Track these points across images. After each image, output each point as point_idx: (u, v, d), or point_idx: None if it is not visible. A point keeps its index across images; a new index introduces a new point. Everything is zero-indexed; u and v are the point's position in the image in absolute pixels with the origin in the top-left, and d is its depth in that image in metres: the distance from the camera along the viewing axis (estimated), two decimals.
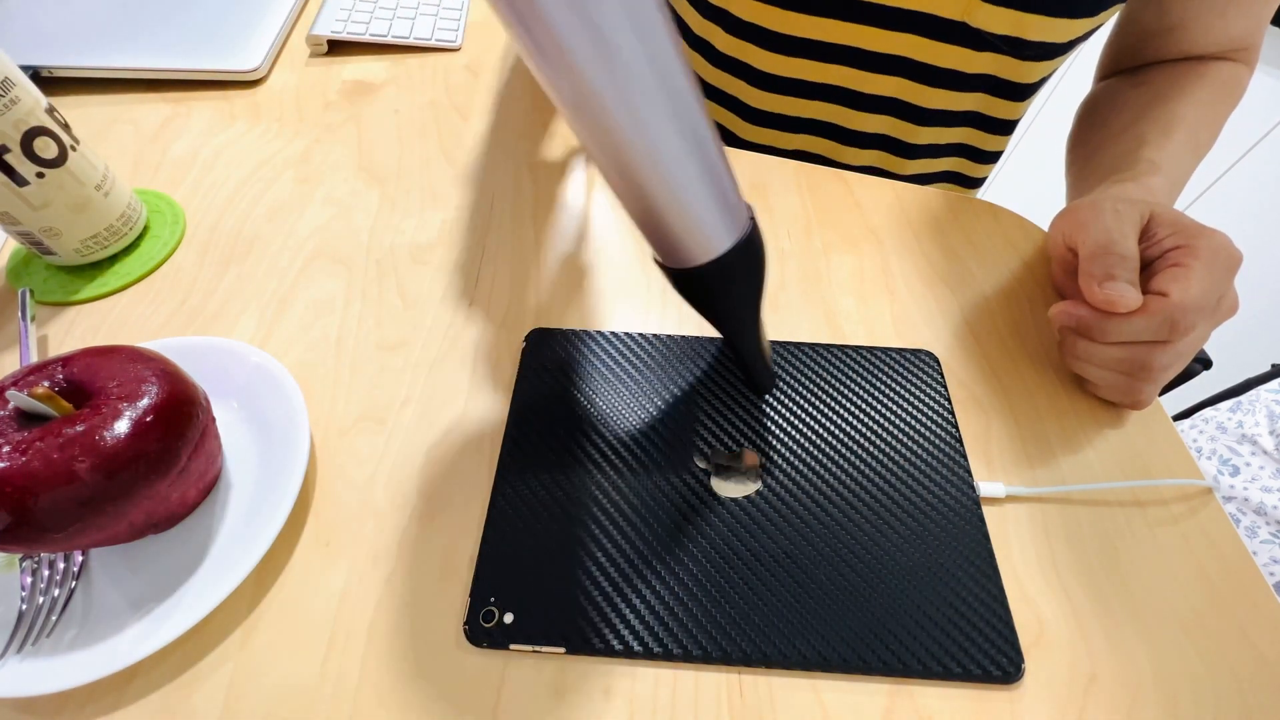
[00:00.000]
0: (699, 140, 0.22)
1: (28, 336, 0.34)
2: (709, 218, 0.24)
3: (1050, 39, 0.44)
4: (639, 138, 0.21)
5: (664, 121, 0.21)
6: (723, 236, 0.25)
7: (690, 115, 0.21)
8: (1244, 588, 0.29)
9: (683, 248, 0.25)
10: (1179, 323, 0.30)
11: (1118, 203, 0.34)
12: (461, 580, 0.29)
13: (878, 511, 0.31)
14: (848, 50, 0.47)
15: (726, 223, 0.24)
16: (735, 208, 0.25)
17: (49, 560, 0.28)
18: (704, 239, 0.24)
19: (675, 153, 0.22)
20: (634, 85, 0.19)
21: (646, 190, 0.22)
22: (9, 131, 0.33)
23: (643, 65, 0.19)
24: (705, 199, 0.23)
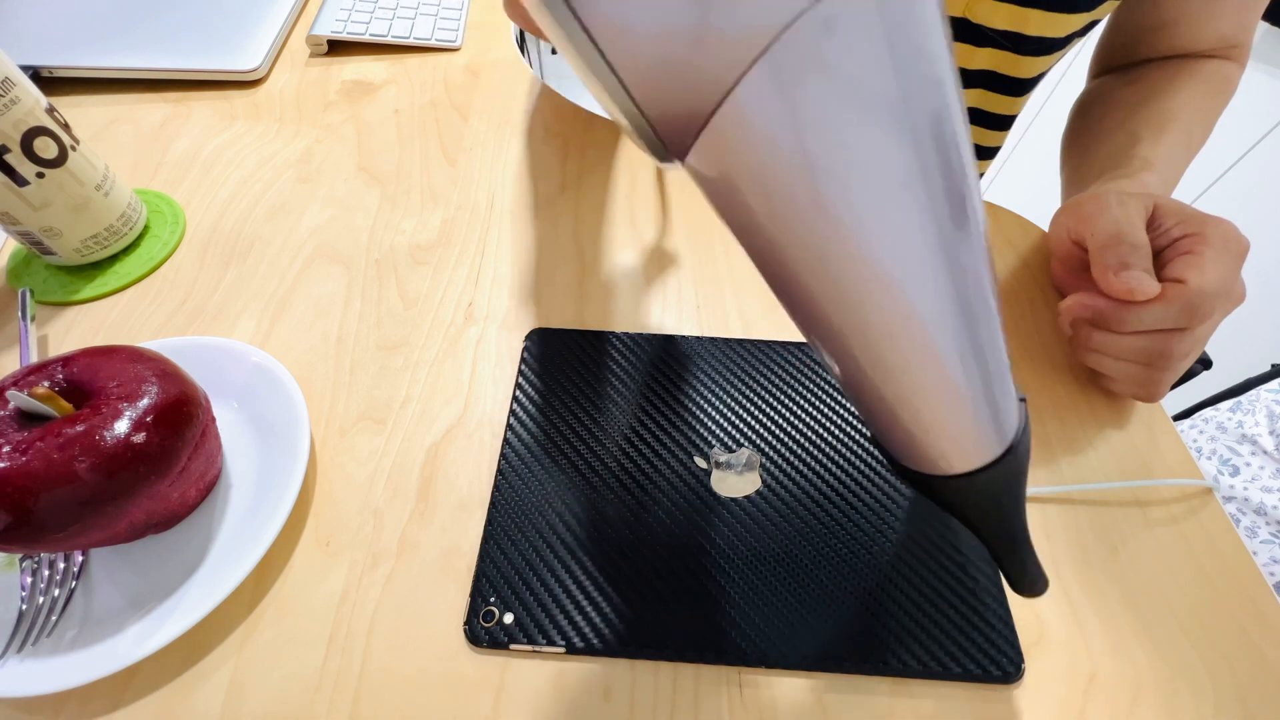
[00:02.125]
0: (984, 349, 0.16)
1: (28, 336, 0.34)
2: (977, 429, 0.18)
3: (1049, 33, 0.44)
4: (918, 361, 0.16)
5: (952, 339, 0.15)
6: (989, 446, 0.19)
7: (981, 327, 0.16)
8: (1244, 588, 0.29)
9: (933, 459, 0.19)
10: (1198, 308, 0.30)
11: (1121, 194, 0.34)
12: (461, 580, 0.29)
13: (878, 511, 0.31)
14: None
15: (996, 431, 0.18)
16: (1009, 413, 0.19)
17: (49, 560, 0.28)
18: (964, 452, 0.19)
19: (953, 368, 0.16)
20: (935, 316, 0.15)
21: (901, 406, 0.17)
22: (9, 131, 0.33)
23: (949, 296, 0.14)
24: (977, 411, 0.18)
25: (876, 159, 0.12)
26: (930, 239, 0.14)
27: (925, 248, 0.14)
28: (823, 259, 0.14)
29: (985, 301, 0.15)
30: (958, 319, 0.15)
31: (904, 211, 0.13)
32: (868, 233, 0.13)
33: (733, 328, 0.38)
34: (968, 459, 0.19)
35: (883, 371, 0.16)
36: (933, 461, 0.19)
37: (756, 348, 0.36)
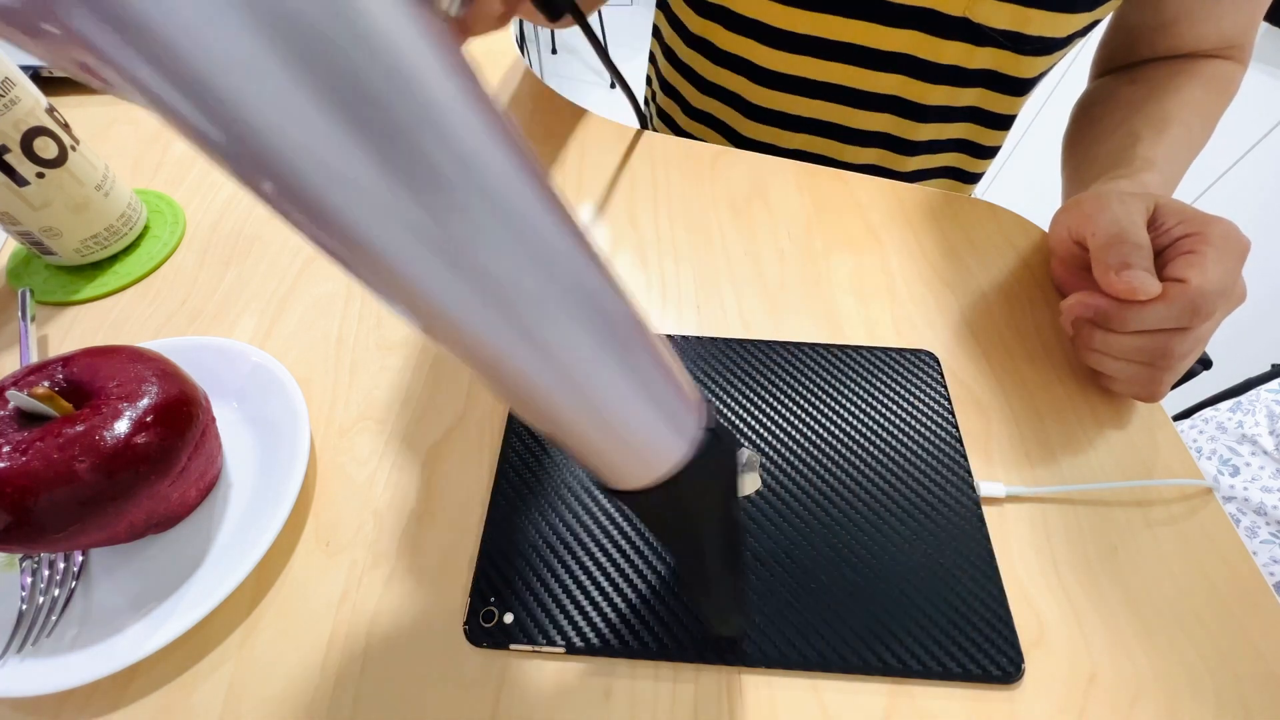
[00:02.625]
0: (611, 394, 0.17)
1: (28, 336, 0.34)
2: (642, 444, 0.18)
3: (1050, 33, 0.44)
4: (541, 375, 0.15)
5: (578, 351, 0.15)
6: (665, 455, 0.19)
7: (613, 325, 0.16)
8: (1244, 588, 0.29)
9: (613, 477, 0.19)
10: (1200, 307, 0.30)
11: (1122, 194, 0.34)
12: (461, 580, 0.29)
13: (878, 511, 0.31)
14: (849, 47, 0.47)
15: (670, 441, 0.19)
16: (681, 420, 0.19)
17: (49, 560, 0.28)
18: (637, 467, 0.19)
19: (590, 380, 0.16)
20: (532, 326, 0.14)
21: (563, 423, 0.17)
22: (9, 131, 0.33)
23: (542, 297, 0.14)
24: (639, 419, 0.17)
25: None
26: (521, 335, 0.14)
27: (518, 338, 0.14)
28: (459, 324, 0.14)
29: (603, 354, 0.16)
30: (566, 377, 0.16)
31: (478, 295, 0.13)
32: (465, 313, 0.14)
33: (733, 328, 0.38)
34: (623, 480, 0.19)
35: (532, 403, 0.16)
36: (607, 478, 0.19)
37: (756, 348, 0.36)
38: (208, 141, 0.11)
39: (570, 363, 0.15)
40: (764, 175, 0.47)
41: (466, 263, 0.13)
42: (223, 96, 0.10)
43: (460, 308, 0.14)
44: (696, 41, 0.54)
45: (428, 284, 0.13)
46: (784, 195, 0.46)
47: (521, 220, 0.13)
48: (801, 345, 0.37)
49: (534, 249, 0.14)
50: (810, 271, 0.41)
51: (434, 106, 0.11)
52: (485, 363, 0.15)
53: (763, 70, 0.51)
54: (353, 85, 0.10)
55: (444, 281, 0.13)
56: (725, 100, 0.55)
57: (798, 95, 0.51)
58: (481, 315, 0.14)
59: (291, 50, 0.10)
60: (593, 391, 0.16)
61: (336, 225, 0.12)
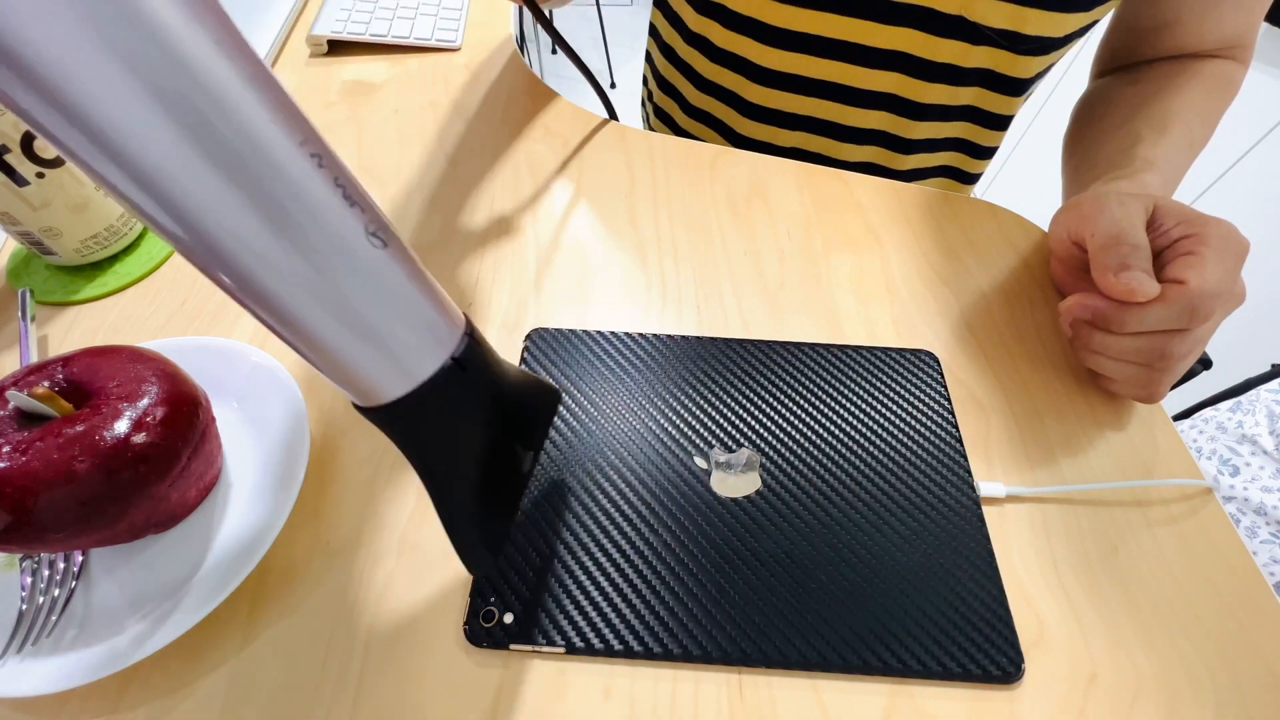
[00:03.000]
0: (358, 272, 0.17)
1: (28, 336, 0.34)
2: (387, 356, 0.18)
3: (1047, 33, 0.44)
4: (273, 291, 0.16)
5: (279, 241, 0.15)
6: (415, 368, 0.19)
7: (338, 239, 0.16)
8: (1244, 588, 0.29)
9: (361, 392, 0.19)
10: (1199, 309, 0.30)
11: (1121, 195, 0.34)
12: (461, 580, 0.29)
13: (878, 511, 0.31)
14: (845, 45, 0.47)
15: (417, 354, 0.19)
16: (431, 333, 0.19)
17: (49, 560, 0.28)
18: (385, 379, 0.19)
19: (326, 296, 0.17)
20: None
21: (296, 340, 0.17)
22: (9, 131, 0.33)
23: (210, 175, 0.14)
24: (380, 336, 0.18)
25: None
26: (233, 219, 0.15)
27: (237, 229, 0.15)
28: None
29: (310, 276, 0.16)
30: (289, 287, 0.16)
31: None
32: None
33: (733, 328, 0.38)
34: (367, 395, 0.19)
35: (274, 318, 0.17)
36: (350, 392, 0.19)
37: (756, 348, 0.37)
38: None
39: (333, 295, 0.17)
40: (764, 175, 0.47)
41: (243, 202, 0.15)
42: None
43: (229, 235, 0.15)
44: (694, 39, 0.54)
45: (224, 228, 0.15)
46: (784, 195, 0.46)
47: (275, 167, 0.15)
48: (801, 345, 0.37)
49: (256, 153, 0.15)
50: (810, 271, 0.41)
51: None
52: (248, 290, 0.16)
53: (759, 68, 0.51)
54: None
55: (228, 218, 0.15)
56: (722, 99, 0.55)
57: (794, 93, 0.51)
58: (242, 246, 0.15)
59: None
60: (353, 314, 0.17)
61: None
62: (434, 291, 0.20)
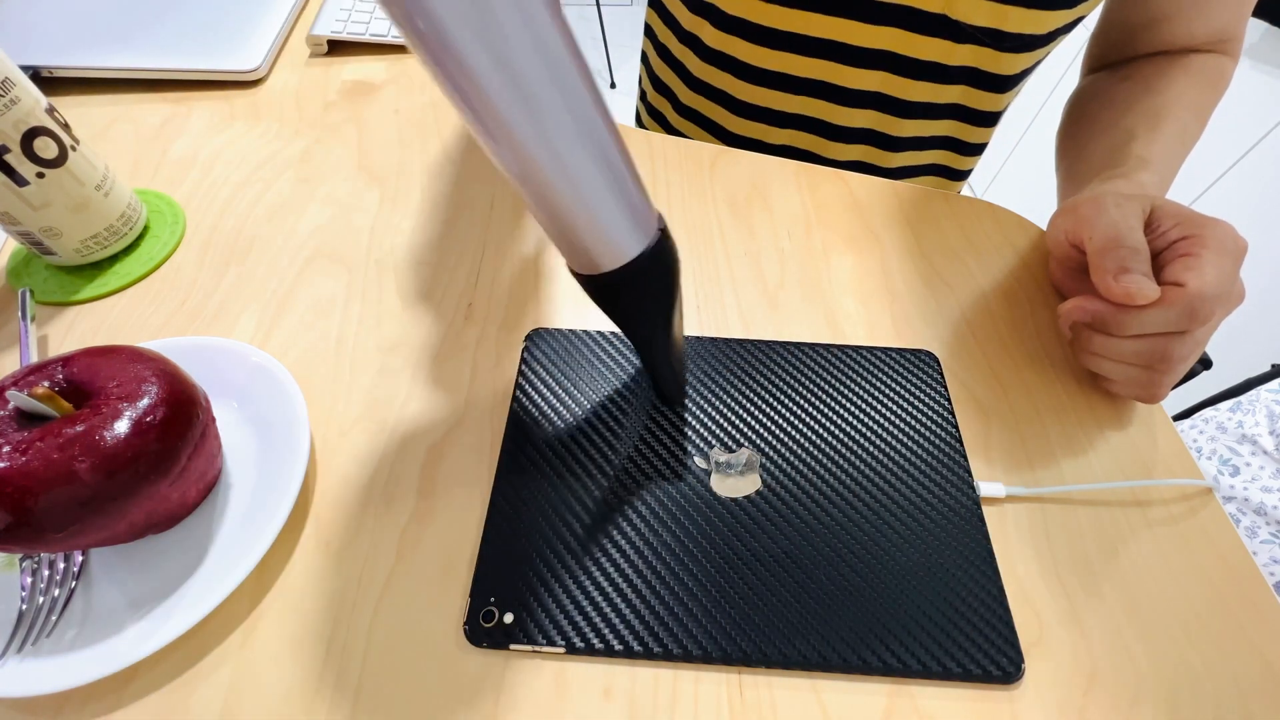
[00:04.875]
0: (600, 147, 0.22)
1: (28, 336, 0.34)
2: (614, 225, 0.24)
3: (1029, 30, 0.44)
4: (539, 149, 0.21)
5: (565, 133, 0.21)
6: (630, 244, 0.25)
7: (592, 124, 0.21)
8: (1244, 588, 0.29)
9: (590, 255, 0.25)
10: (1198, 311, 0.30)
11: (1119, 197, 0.34)
12: (461, 580, 0.29)
13: (878, 511, 0.31)
14: (832, 44, 0.48)
15: (634, 230, 0.24)
16: (643, 216, 0.25)
17: (49, 560, 0.28)
18: (610, 246, 0.24)
19: (577, 162, 0.22)
20: (535, 101, 0.20)
21: (547, 196, 0.23)
22: (9, 131, 0.33)
23: (544, 83, 0.19)
24: (609, 206, 0.23)
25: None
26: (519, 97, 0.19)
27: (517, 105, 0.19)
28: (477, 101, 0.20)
29: (596, 124, 0.21)
30: (573, 135, 0.21)
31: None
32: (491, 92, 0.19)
33: (733, 328, 0.38)
34: (614, 255, 0.25)
35: (527, 188, 0.22)
36: (595, 258, 0.25)
37: (756, 348, 0.37)
38: None
39: (571, 163, 0.22)
40: (764, 175, 0.47)
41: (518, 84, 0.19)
42: None
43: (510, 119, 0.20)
44: (687, 38, 0.54)
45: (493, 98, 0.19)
46: (784, 195, 0.46)
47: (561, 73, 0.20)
48: (801, 345, 0.37)
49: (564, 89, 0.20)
50: (810, 271, 0.41)
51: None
52: (514, 158, 0.21)
53: (748, 67, 0.51)
54: None
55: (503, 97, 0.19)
56: (713, 98, 0.56)
57: (784, 92, 0.52)
58: (521, 124, 0.20)
59: None
60: (583, 182, 0.22)
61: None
62: (643, 186, 0.25)
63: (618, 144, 0.23)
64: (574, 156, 0.21)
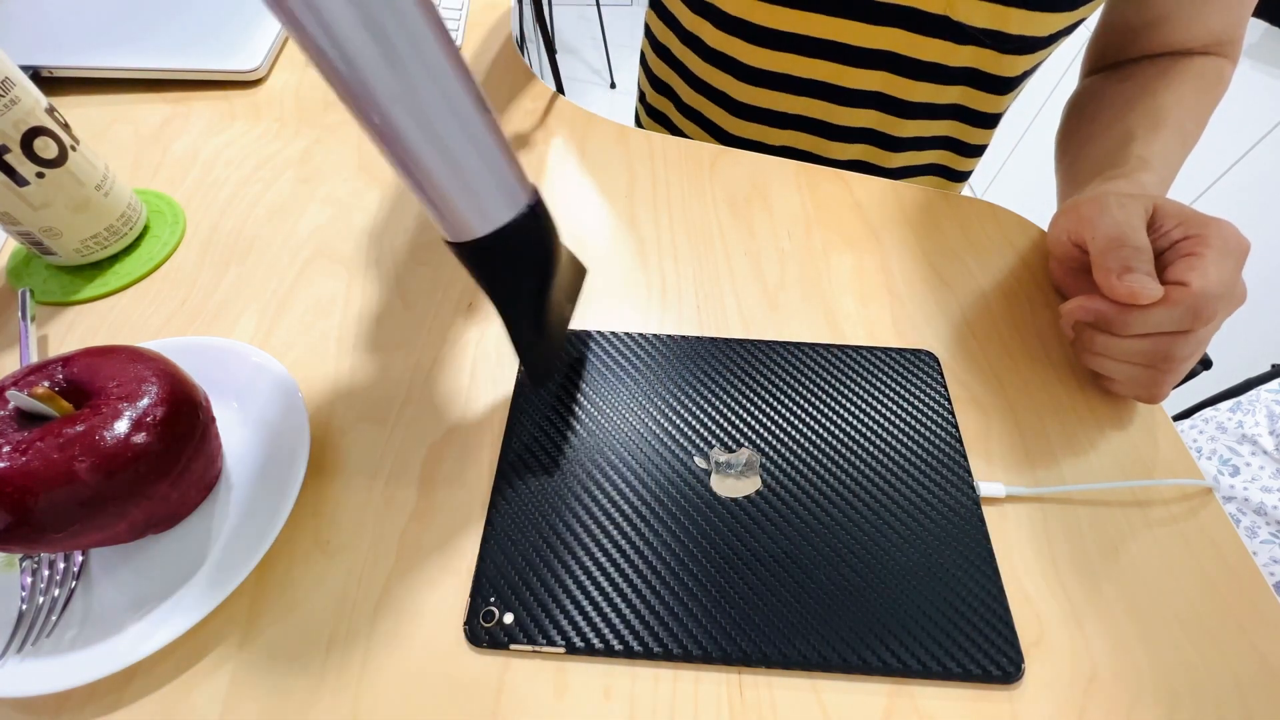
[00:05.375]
0: (457, 112, 0.22)
1: (28, 336, 0.34)
2: (475, 191, 0.24)
3: (1031, 32, 0.44)
4: (396, 107, 0.21)
5: (422, 92, 0.21)
6: (493, 213, 0.25)
7: (448, 86, 0.22)
8: (1244, 588, 0.29)
9: (451, 221, 0.25)
10: (1201, 311, 0.30)
11: (1121, 197, 0.34)
12: (461, 580, 0.29)
13: (878, 511, 0.31)
14: (833, 45, 0.48)
15: (498, 198, 0.25)
16: (509, 187, 0.25)
17: (49, 560, 0.28)
18: (472, 214, 0.25)
19: (434, 121, 0.22)
20: (394, 58, 0.20)
21: (405, 156, 0.23)
22: (9, 131, 0.33)
23: (403, 42, 0.20)
24: (469, 171, 0.24)
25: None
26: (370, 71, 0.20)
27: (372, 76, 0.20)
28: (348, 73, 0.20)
29: (455, 92, 0.22)
30: (413, 127, 0.22)
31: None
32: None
33: (733, 328, 0.38)
34: (478, 223, 0.25)
35: (387, 150, 0.23)
36: (444, 230, 0.26)
37: (756, 348, 0.37)
38: None
39: (441, 128, 0.22)
40: (764, 175, 0.47)
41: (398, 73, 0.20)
42: None
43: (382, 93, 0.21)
44: (689, 39, 0.54)
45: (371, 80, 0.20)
46: (784, 195, 0.46)
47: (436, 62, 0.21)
48: (801, 345, 0.37)
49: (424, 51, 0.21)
50: (810, 271, 0.41)
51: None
52: (380, 124, 0.22)
53: (748, 68, 0.51)
54: None
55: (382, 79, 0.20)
56: (713, 98, 0.56)
57: (784, 93, 0.52)
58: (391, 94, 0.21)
59: None
60: (453, 147, 0.23)
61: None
62: (514, 159, 0.25)
63: (479, 111, 0.23)
64: (431, 115, 0.22)
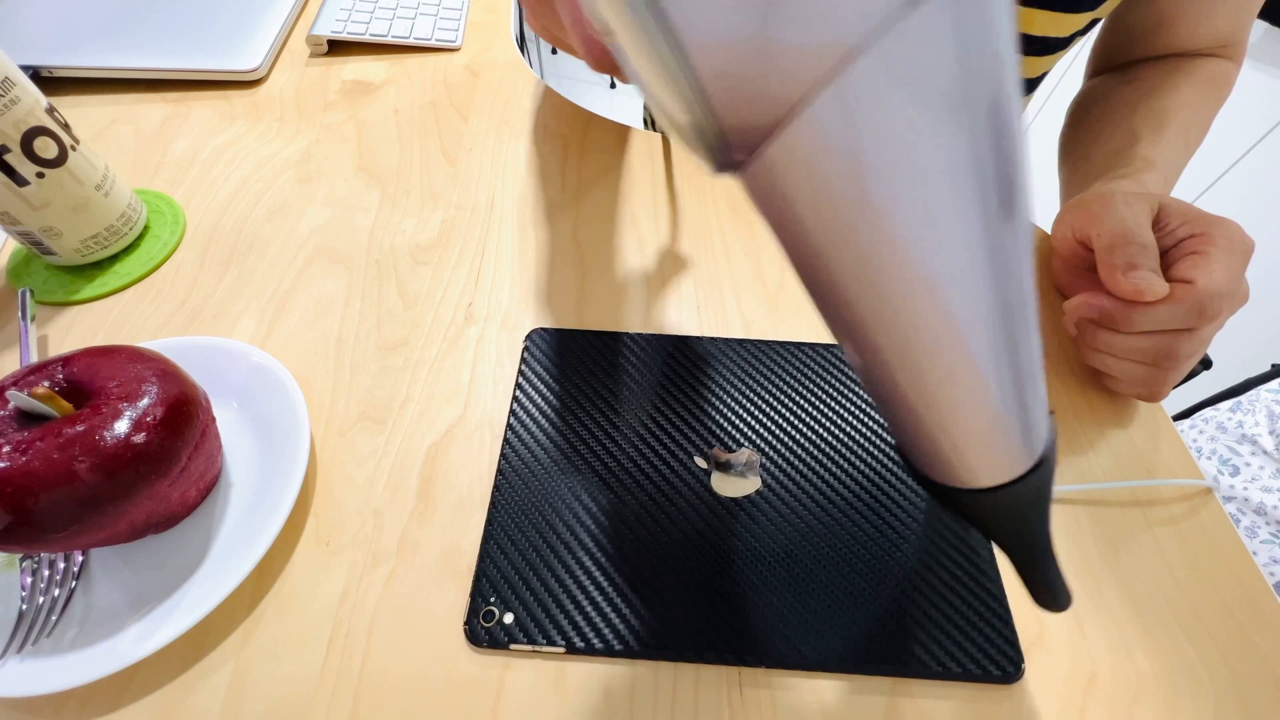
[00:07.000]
0: (1021, 362, 0.16)
1: (28, 336, 0.34)
2: (1008, 444, 0.18)
3: (1053, 33, 0.44)
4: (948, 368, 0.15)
5: (990, 347, 0.15)
6: (1019, 460, 0.18)
7: (1021, 333, 0.15)
8: (1244, 588, 0.29)
9: (962, 473, 0.18)
10: (1206, 308, 0.30)
11: (1127, 195, 0.34)
12: (461, 580, 0.29)
13: (878, 511, 0.31)
14: None
15: (1026, 445, 0.18)
16: (1040, 425, 0.18)
17: (49, 560, 0.28)
18: (994, 465, 0.18)
19: (990, 381, 0.15)
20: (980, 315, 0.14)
21: (933, 419, 0.17)
22: (9, 131, 0.33)
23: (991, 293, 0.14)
24: (1009, 425, 0.17)
25: (936, 161, 0.11)
26: (978, 244, 0.13)
27: (972, 254, 0.13)
28: (871, 268, 0.13)
29: (1025, 305, 0.15)
30: (999, 329, 0.15)
31: (955, 215, 0.12)
32: (918, 241, 0.13)
33: (733, 328, 0.38)
34: (996, 474, 0.18)
35: (919, 385, 0.16)
36: (960, 475, 0.18)
37: (756, 348, 0.36)
38: None
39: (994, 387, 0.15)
40: None
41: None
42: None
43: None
44: None
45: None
46: None
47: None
48: (801, 345, 0.37)
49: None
50: None
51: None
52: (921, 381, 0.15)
53: None
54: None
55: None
56: None
57: None
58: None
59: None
60: (1003, 408, 0.16)
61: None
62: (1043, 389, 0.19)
63: (1037, 347, 0.16)
64: (987, 368, 0.15)
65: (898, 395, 0.16)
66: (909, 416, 0.17)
